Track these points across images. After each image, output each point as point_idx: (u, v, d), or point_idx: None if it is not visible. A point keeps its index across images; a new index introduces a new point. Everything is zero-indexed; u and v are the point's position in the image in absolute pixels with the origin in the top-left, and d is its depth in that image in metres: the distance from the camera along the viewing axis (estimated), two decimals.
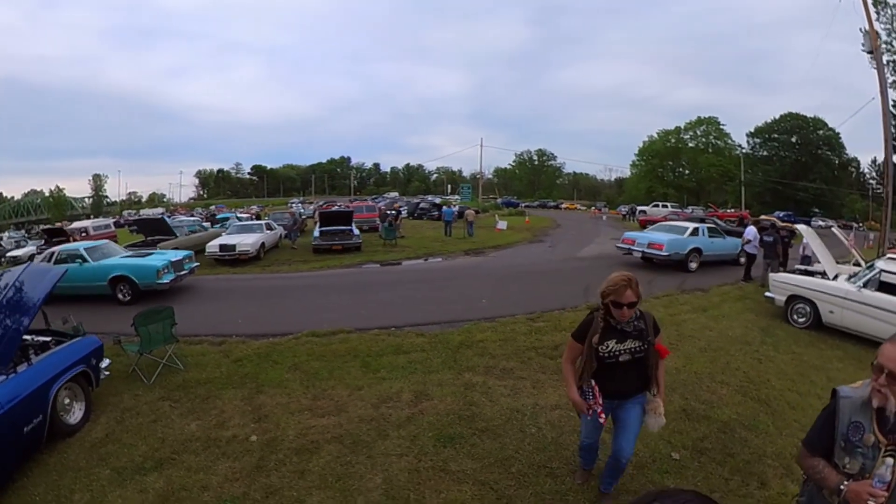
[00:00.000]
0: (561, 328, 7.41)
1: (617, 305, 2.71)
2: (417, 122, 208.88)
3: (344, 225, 18.96)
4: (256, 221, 20.92)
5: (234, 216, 29.98)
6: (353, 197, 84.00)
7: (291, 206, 50.50)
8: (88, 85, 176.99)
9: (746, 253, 12.61)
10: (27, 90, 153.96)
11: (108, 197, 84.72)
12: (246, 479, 3.65)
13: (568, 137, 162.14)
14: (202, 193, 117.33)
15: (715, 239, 14.26)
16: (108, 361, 5.26)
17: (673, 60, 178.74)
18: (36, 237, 28.94)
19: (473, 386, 5.28)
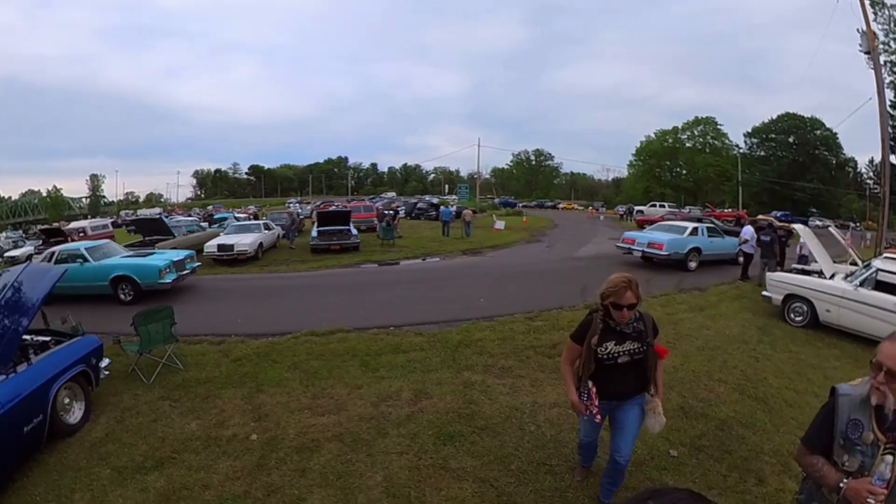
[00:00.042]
0: (559, 327, 7.45)
1: (617, 307, 2.69)
2: (415, 122, 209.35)
3: (342, 225, 18.97)
4: (254, 221, 20.89)
5: (231, 216, 29.88)
6: (350, 197, 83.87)
7: (289, 206, 50.32)
8: (86, 85, 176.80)
9: (743, 252, 12.67)
10: (25, 90, 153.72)
11: (105, 197, 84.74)
12: (247, 477, 3.66)
13: (565, 137, 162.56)
14: (199, 193, 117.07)
15: (714, 238, 14.35)
16: (107, 361, 5.26)
17: (671, 61, 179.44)
18: (33, 237, 28.81)
19: (472, 384, 5.30)
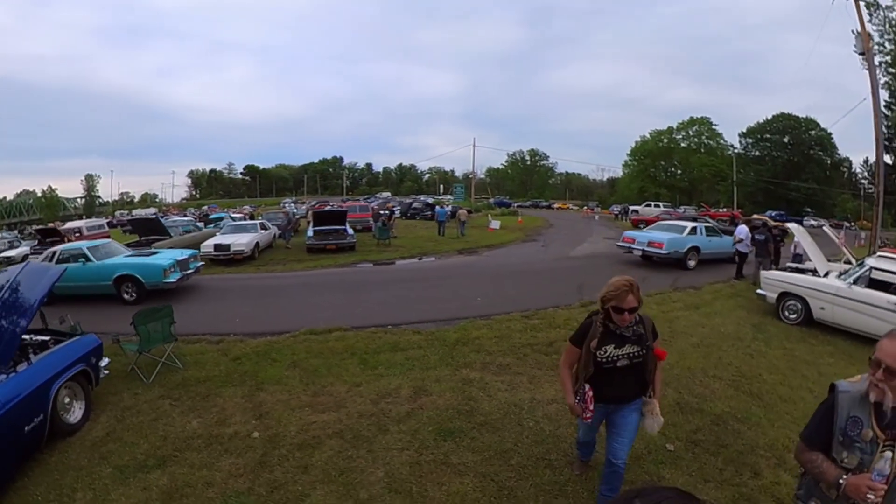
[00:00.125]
0: (555, 325, 7.52)
1: (618, 311, 2.67)
2: (410, 122, 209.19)
3: (338, 225, 18.98)
4: (250, 221, 20.86)
5: (227, 216, 29.79)
6: (345, 197, 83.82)
7: (284, 205, 50.24)
8: (81, 84, 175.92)
9: (738, 252, 12.79)
10: (19, 90, 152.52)
11: (100, 197, 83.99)
12: (250, 474, 3.69)
13: (560, 137, 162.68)
14: (194, 193, 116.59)
15: (712, 237, 14.60)
16: (107, 360, 5.26)
17: (665, 61, 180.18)
18: (29, 238, 28.61)
19: (471, 381, 5.34)
